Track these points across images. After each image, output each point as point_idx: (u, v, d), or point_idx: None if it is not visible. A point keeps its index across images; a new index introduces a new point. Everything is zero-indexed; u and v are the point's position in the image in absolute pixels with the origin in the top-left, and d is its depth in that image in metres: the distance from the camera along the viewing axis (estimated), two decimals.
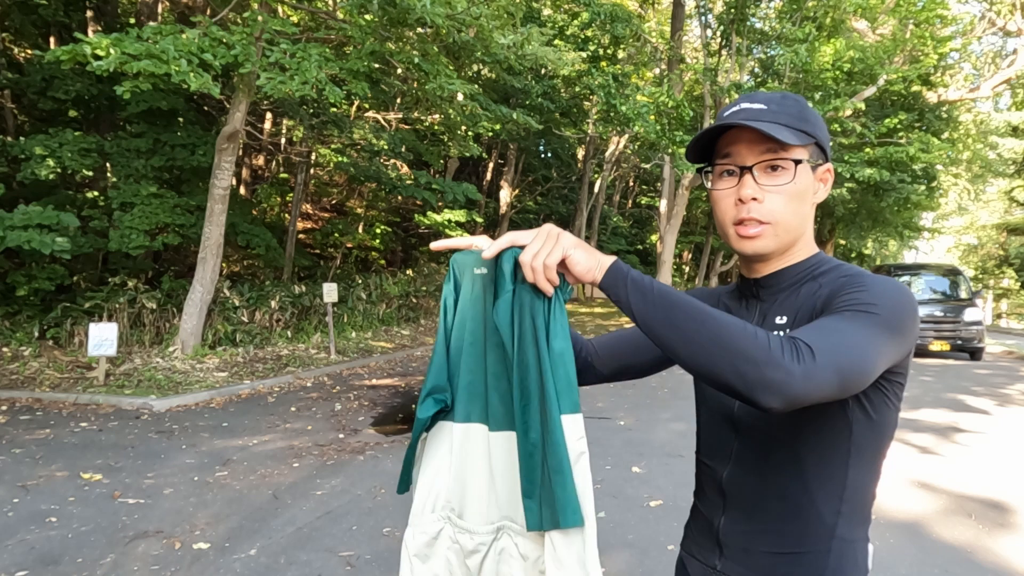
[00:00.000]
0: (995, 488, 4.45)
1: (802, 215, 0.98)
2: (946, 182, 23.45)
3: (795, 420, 0.94)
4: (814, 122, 0.98)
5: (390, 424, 6.07)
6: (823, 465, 0.95)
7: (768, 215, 0.96)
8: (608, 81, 11.85)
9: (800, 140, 0.95)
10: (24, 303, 9.04)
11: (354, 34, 7.75)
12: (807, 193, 0.98)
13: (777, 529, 0.97)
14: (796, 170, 0.95)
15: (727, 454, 1.03)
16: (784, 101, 0.98)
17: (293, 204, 14.19)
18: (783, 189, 0.95)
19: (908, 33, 13.12)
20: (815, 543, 0.95)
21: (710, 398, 1.08)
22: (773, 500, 0.97)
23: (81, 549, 3.23)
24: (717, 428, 1.06)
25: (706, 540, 1.06)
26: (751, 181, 0.95)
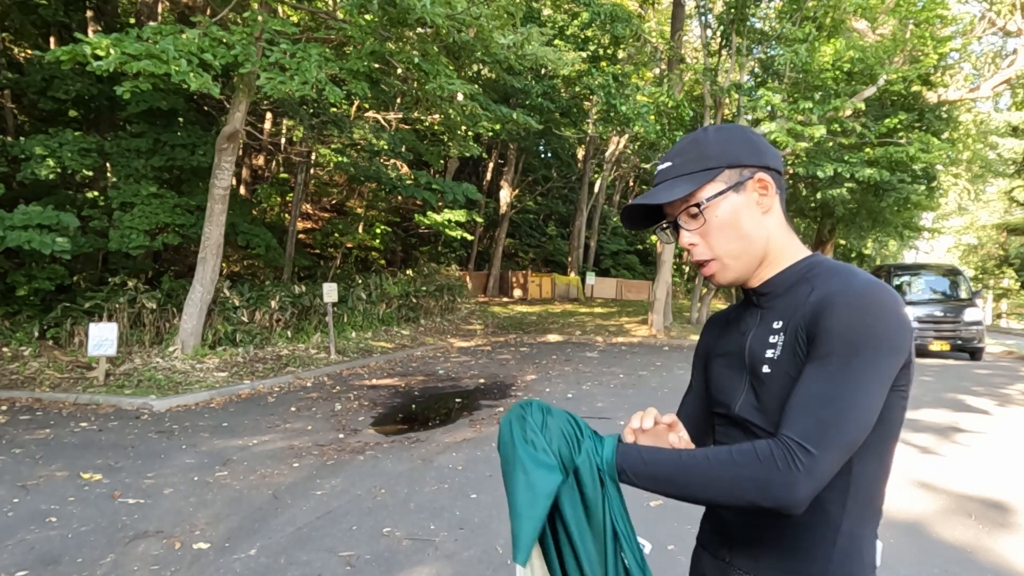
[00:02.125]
0: (995, 488, 4.45)
1: (742, 236, 1.02)
2: (946, 182, 23.44)
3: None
4: (718, 149, 1.03)
5: (390, 424, 6.07)
6: None
7: (707, 253, 1.04)
8: (608, 81, 11.85)
9: (696, 183, 1.01)
10: (24, 303, 9.04)
11: (354, 34, 7.75)
12: (738, 215, 1.02)
13: (784, 525, 0.99)
14: (703, 212, 1.02)
15: None
16: (687, 148, 1.05)
17: (293, 204, 14.19)
18: (703, 230, 1.03)
19: (908, 33, 13.12)
20: (821, 538, 0.97)
21: (717, 400, 1.12)
22: None
23: (81, 549, 3.23)
24: (726, 429, 1.10)
25: (716, 532, 1.10)
26: (682, 231, 1.06)
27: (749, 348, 1.05)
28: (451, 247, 20.93)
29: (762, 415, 1.00)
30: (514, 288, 23.29)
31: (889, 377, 0.90)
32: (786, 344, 0.98)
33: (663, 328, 15.37)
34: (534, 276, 23.35)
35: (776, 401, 0.97)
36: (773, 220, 1.05)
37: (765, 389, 1.00)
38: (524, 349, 11.49)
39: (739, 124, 1.04)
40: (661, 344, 13.90)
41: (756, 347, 1.04)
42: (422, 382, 8.24)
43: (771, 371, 0.99)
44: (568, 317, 17.44)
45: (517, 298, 22.90)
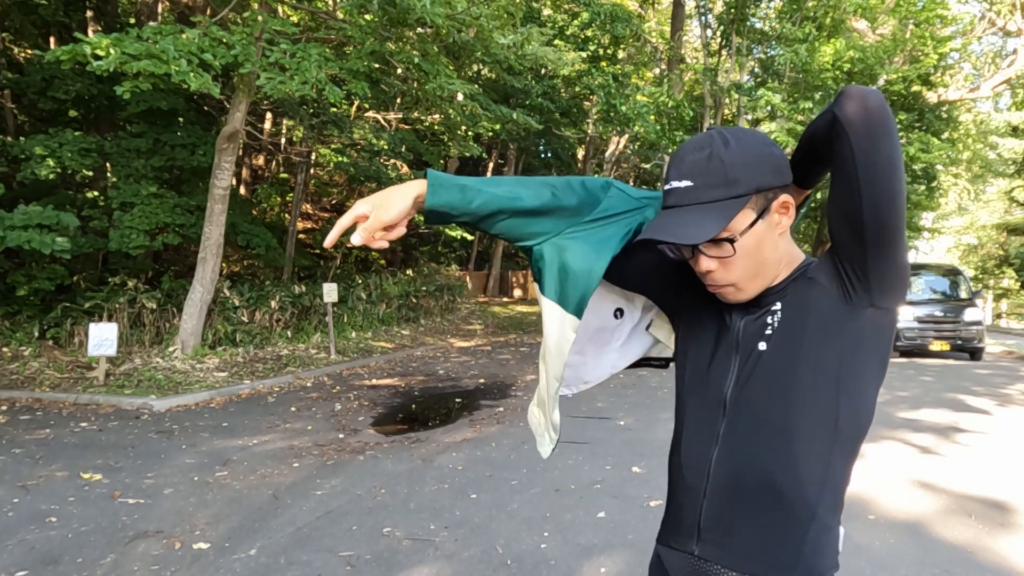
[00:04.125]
0: (996, 488, 4.45)
1: (762, 263, 1.00)
2: (946, 182, 23.44)
3: (787, 400, 0.97)
4: (746, 173, 0.94)
5: (390, 424, 6.06)
6: (809, 447, 0.97)
7: (727, 279, 1.00)
8: (608, 81, 11.85)
9: (728, 216, 0.93)
10: (24, 303, 9.04)
11: (354, 34, 7.75)
12: (762, 243, 0.98)
13: (759, 512, 0.98)
14: (736, 247, 0.96)
15: (714, 437, 1.03)
16: (709, 168, 0.95)
17: (293, 204, 14.19)
18: (730, 261, 0.98)
19: (908, 33, 13.12)
20: (795, 526, 0.97)
21: (700, 383, 1.08)
22: (757, 483, 0.98)
23: (81, 549, 3.23)
24: (706, 412, 1.06)
25: (684, 527, 1.06)
26: (702, 258, 0.99)
27: (743, 330, 1.04)
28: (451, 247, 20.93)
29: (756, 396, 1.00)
30: (514, 288, 23.27)
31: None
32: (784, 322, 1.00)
33: None
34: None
35: (778, 377, 0.98)
36: (786, 237, 1.02)
37: (764, 366, 1.00)
38: (524, 349, 11.48)
39: (756, 132, 1.01)
40: None
41: (751, 327, 1.03)
42: (422, 382, 8.24)
43: (767, 347, 1.00)
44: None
45: (517, 298, 22.89)
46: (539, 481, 4.34)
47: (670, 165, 1.00)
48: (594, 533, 3.50)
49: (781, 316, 1.00)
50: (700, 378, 1.08)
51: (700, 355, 1.10)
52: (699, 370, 1.09)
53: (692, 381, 1.10)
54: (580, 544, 3.36)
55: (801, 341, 0.97)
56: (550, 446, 1.25)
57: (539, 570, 3.07)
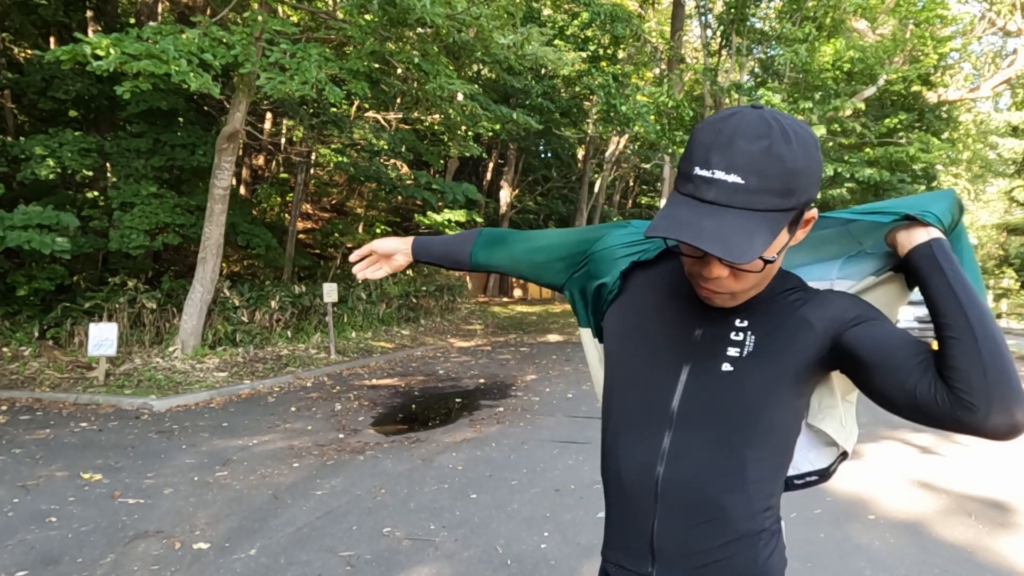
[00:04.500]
0: (996, 488, 4.45)
1: (767, 276, 0.91)
2: (946, 182, 23.44)
3: (743, 423, 0.93)
4: (804, 182, 0.80)
5: (390, 424, 6.06)
6: (759, 468, 0.94)
7: (732, 289, 0.89)
8: (608, 81, 11.85)
9: (776, 230, 0.80)
10: (24, 303, 9.04)
11: (354, 34, 7.74)
12: (780, 258, 0.89)
13: (715, 533, 0.94)
14: (766, 267, 0.86)
15: (659, 453, 0.96)
16: (768, 165, 0.77)
17: (293, 204, 14.18)
18: (750, 276, 0.87)
19: (908, 33, 13.12)
20: (749, 543, 0.94)
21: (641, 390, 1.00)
22: (710, 504, 0.93)
23: (81, 549, 3.23)
24: (648, 423, 0.98)
25: (635, 547, 0.98)
26: (717, 265, 0.86)
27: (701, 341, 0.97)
28: None
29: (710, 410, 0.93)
30: (514, 288, 23.28)
31: None
32: (760, 345, 0.93)
33: None
34: None
35: (738, 398, 0.92)
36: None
37: (715, 383, 0.93)
38: (524, 349, 11.48)
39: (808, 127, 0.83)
40: None
41: (709, 343, 0.96)
42: (422, 382, 8.24)
43: (734, 369, 0.93)
44: (568, 317, 17.43)
45: (517, 298, 22.90)
46: (539, 481, 4.34)
47: (710, 145, 0.79)
48: (594, 533, 3.49)
49: (754, 342, 0.93)
50: (641, 385, 1.00)
51: (641, 359, 1.01)
52: (639, 376, 1.00)
53: (628, 386, 1.02)
54: (580, 544, 3.36)
55: (770, 374, 0.92)
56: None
57: (539, 570, 3.07)
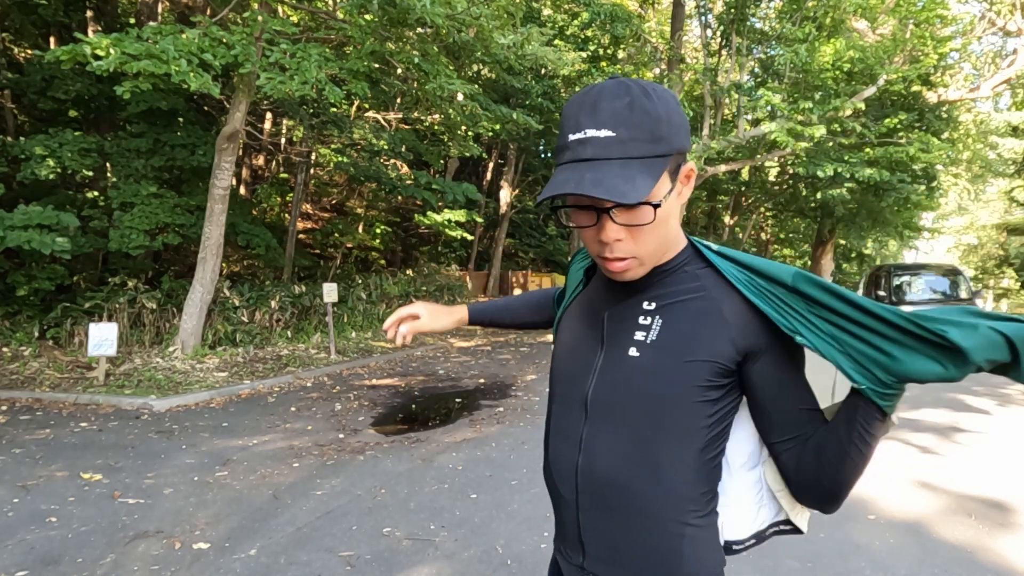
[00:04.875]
0: (996, 488, 4.45)
1: (666, 235, 0.92)
2: (946, 182, 23.44)
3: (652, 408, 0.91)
4: (670, 130, 0.84)
5: (390, 424, 6.06)
6: (675, 454, 0.92)
7: (633, 251, 0.89)
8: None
9: (655, 175, 0.82)
10: (24, 303, 9.04)
11: (354, 34, 7.74)
12: (671, 213, 0.90)
13: (633, 523, 0.93)
14: (656, 212, 0.86)
15: (577, 442, 0.97)
16: (633, 117, 0.82)
17: (293, 204, 14.18)
18: (641, 231, 0.88)
19: (908, 33, 13.11)
20: (669, 533, 0.93)
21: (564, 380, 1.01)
22: (625, 493, 0.93)
23: (81, 549, 3.23)
24: (570, 413, 0.99)
25: (569, 539, 1.01)
26: (610, 224, 0.87)
27: (607, 323, 0.98)
28: (451, 247, 20.91)
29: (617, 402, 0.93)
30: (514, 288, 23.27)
31: None
32: (666, 329, 0.92)
33: None
34: (534, 276, 23.36)
35: (635, 382, 0.92)
36: (679, 215, 0.95)
37: (623, 370, 0.93)
38: (524, 349, 11.48)
39: (667, 89, 0.88)
40: None
41: (617, 326, 0.96)
42: (422, 382, 8.24)
43: (640, 355, 0.92)
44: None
45: None
46: (539, 481, 4.34)
47: (578, 113, 0.85)
48: None
49: (661, 325, 0.93)
50: (565, 374, 1.01)
51: (566, 348, 1.03)
52: (564, 365, 1.02)
53: (557, 377, 1.03)
54: None
55: (677, 360, 0.90)
56: None
57: (539, 570, 3.07)
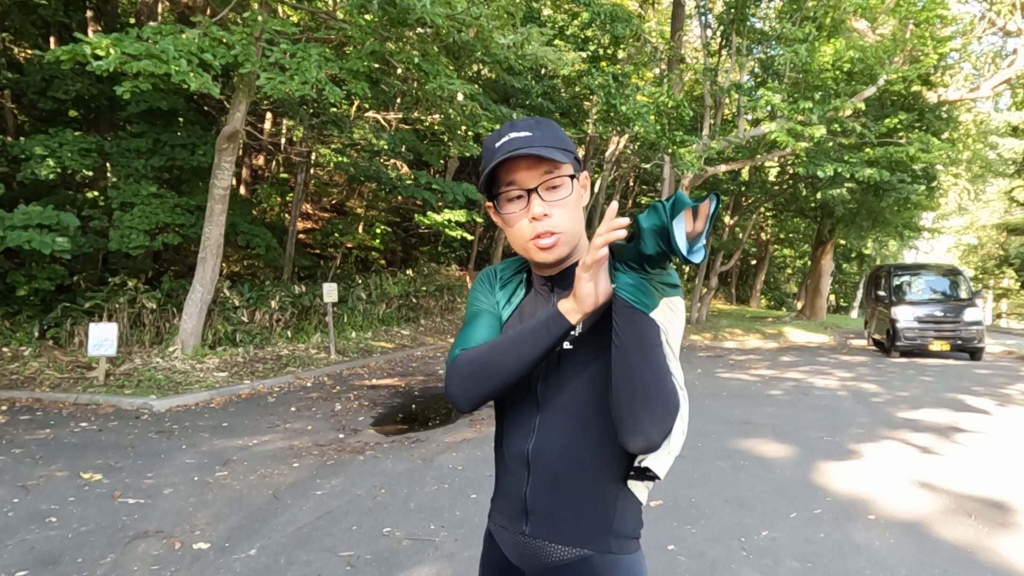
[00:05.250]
0: (996, 488, 4.45)
1: (580, 220, 1.15)
2: (946, 182, 23.41)
3: (589, 393, 1.10)
4: (568, 140, 1.15)
5: (390, 424, 6.07)
6: (611, 431, 1.08)
7: (558, 226, 1.10)
8: (608, 81, 11.84)
9: (566, 158, 1.09)
10: (24, 303, 9.04)
11: (354, 34, 7.74)
12: (578, 200, 1.14)
13: (576, 492, 1.12)
14: (572, 184, 1.11)
15: (531, 429, 1.15)
16: (540, 126, 1.12)
17: (293, 204, 14.18)
18: (565, 202, 1.11)
19: (908, 33, 13.10)
20: (606, 499, 1.12)
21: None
22: (572, 467, 1.12)
23: (81, 549, 3.23)
24: (523, 407, 1.17)
25: (513, 510, 1.18)
26: (539, 200, 1.09)
27: None
28: (451, 247, 20.90)
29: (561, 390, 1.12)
30: None
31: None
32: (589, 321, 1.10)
33: None
34: None
35: (580, 373, 1.11)
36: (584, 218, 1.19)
37: (567, 364, 1.12)
38: None
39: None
40: None
41: None
42: (422, 382, 8.24)
43: (574, 347, 1.12)
44: None
45: None
46: None
47: (499, 132, 1.12)
48: None
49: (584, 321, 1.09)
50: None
51: None
52: None
53: None
54: None
55: (599, 342, 1.08)
56: None
57: None
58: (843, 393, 8.22)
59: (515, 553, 1.18)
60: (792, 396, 7.91)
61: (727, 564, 3.19)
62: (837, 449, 5.40)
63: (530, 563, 1.16)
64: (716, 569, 3.13)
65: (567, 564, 1.12)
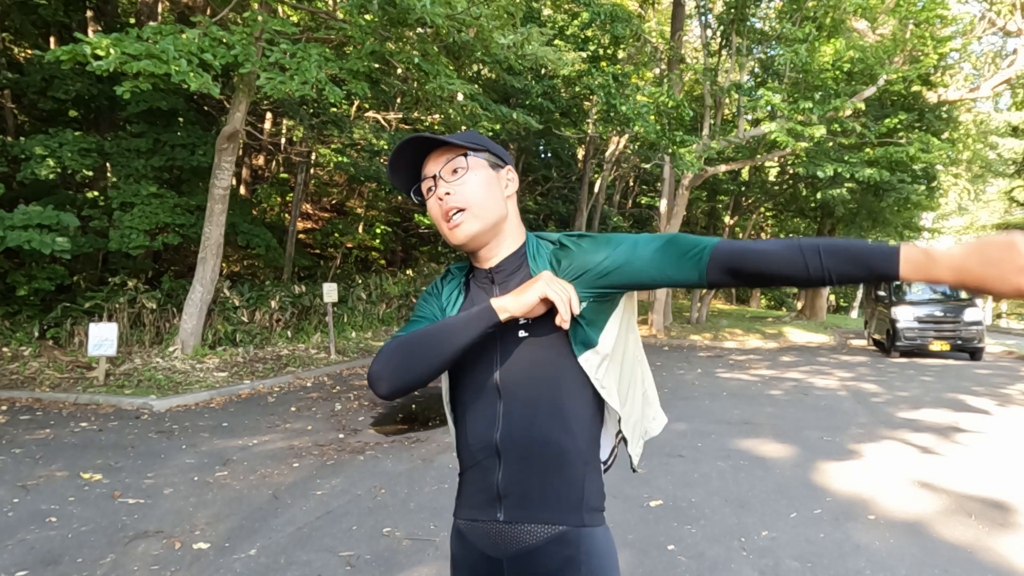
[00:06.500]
0: (996, 488, 4.45)
1: (494, 199, 1.19)
2: (946, 182, 23.41)
3: (550, 375, 1.16)
4: (483, 141, 1.23)
5: (390, 424, 6.07)
6: (575, 410, 1.17)
7: (461, 201, 1.17)
8: (608, 81, 11.84)
9: (467, 144, 1.19)
10: (24, 303, 9.04)
11: (354, 34, 7.74)
12: (492, 183, 1.20)
13: (546, 472, 1.16)
14: (468, 162, 1.18)
15: (495, 418, 1.18)
16: (462, 135, 1.23)
17: (293, 204, 14.18)
18: (465, 179, 1.17)
19: (908, 33, 13.10)
20: (575, 476, 1.17)
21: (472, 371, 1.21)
22: (540, 450, 1.16)
23: (81, 549, 3.23)
24: (484, 397, 1.20)
25: (485, 500, 1.20)
26: (442, 182, 1.19)
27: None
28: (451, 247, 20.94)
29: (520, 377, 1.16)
30: None
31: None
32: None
33: (663, 328, 15.37)
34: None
35: (532, 357, 1.16)
36: (512, 206, 1.25)
37: (519, 350, 1.17)
38: None
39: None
40: (661, 344, 13.90)
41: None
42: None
43: (529, 334, 1.17)
44: None
45: None
46: None
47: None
48: None
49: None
50: (470, 367, 1.21)
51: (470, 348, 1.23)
52: (467, 360, 1.20)
53: (464, 370, 1.22)
54: None
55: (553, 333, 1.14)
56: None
57: None
58: (843, 393, 8.22)
59: (490, 543, 1.19)
60: (792, 396, 7.91)
61: (727, 564, 3.19)
62: (837, 449, 5.40)
63: (507, 549, 1.17)
64: (716, 569, 3.13)
65: (544, 543, 1.15)
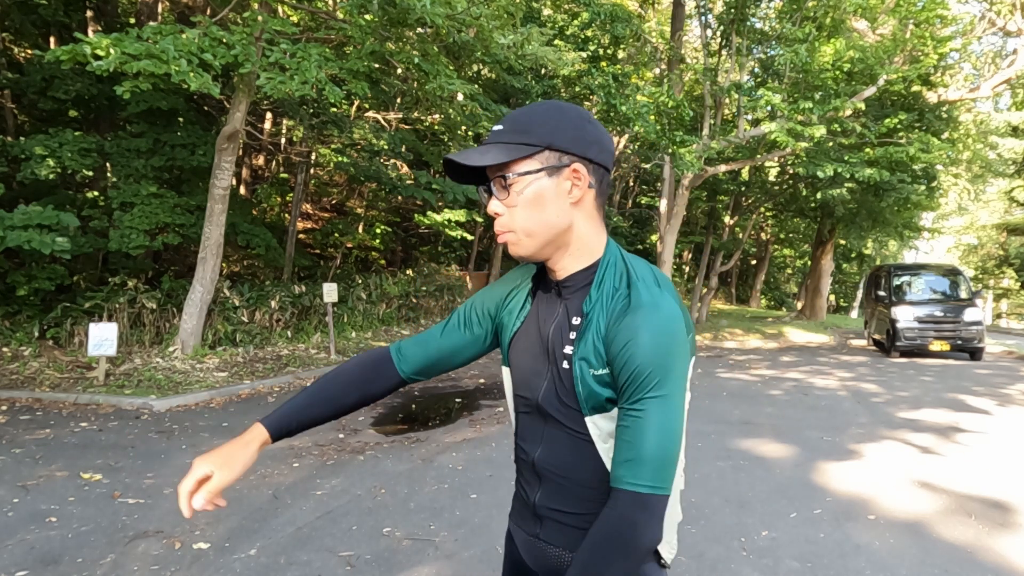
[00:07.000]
0: (996, 488, 4.45)
1: (544, 220, 1.04)
2: (946, 182, 23.39)
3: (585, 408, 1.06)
4: (544, 129, 1.02)
5: (390, 424, 6.07)
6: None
7: (508, 225, 1.06)
8: (608, 81, 11.84)
9: (511, 155, 1.01)
10: (24, 303, 9.04)
11: (354, 34, 7.74)
12: (547, 195, 1.03)
13: (581, 496, 1.10)
14: (510, 187, 1.03)
15: (539, 438, 1.14)
16: (519, 117, 1.05)
17: (293, 204, 14.18)
18: (508, 202, 1.04)
19: (908, 33, 13.09)
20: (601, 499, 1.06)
21: (524, 389, 1.17)
22: (572, 479, 1.10)
23: (81, 549, 3.23)
24: (531, 416, 1.16)
25: (527, 512, 1.19)
26: (492, 200, 1.07)
27: (551, 339, 1.10)
28: (451, 247, 20.90)
29: (561, 406, 1.08)
30: None
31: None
32: (584, 344, 1.03)
33: None
34: None
35: (572, 395, 1.06)
36: (582, 212, 1.06)
37: (563, 383, 1.07)
38: None
39: (581, 108, 1.10)
40: None
41: (556, 339, 1.09)
42: (422, 382, 8.24)
43: (569, 367, 1.06)
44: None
45: None
46: None
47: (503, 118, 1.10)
48: None
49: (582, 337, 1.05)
50: (524, 385, 1.16)
51: (523, 363, 1.17)
52: (522, 376, 1.17)
53: (518, 387, 1.19)
54: None
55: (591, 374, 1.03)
56: None
57: None
58: (843, 393, 8.22)
59: (527, 554, 1.21)
60: (792, 396, 7.91)
61: (727, 564, 3.19)
62: (837, 449, 5.40)
63: (541, 565, 1.18)
64: (716, 569, 3.13)
65: None
